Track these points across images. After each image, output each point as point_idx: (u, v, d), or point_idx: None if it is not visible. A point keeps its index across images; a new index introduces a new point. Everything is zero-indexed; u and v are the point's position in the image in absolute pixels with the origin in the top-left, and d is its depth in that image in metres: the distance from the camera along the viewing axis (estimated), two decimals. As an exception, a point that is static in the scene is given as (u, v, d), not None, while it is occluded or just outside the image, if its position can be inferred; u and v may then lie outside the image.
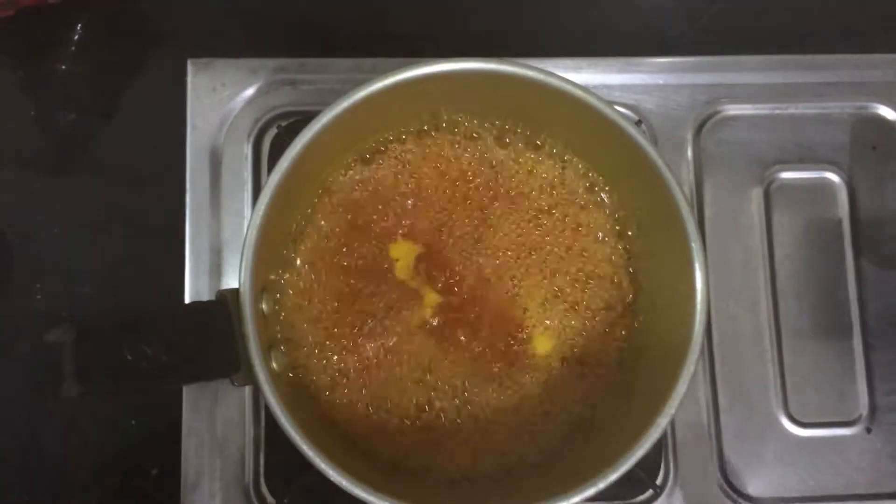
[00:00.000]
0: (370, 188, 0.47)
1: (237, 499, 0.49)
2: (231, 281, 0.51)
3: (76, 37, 0.56)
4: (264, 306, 0.41)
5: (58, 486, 0.51)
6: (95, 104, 0.56)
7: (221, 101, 0.53)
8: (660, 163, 0.40)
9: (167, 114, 0.53)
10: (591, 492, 0.38)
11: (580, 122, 0.43)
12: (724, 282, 0.53)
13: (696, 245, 0.39)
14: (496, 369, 0.45)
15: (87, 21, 0.56)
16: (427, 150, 0.48)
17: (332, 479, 0.37)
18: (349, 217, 0.46)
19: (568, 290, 0.46)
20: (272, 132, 0.53)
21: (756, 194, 0.54)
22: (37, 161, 0.54)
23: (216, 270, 0.51)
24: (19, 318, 0.52)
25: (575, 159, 0.47)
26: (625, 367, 0.45)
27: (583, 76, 0.54)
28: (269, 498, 0.49)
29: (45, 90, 0.56)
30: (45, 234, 0.53)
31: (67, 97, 0.56)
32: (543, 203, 0.47)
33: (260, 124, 0.53)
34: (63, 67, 0.56)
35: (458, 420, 0.45)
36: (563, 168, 0.47)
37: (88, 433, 0.51)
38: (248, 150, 0.52)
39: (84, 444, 0.51)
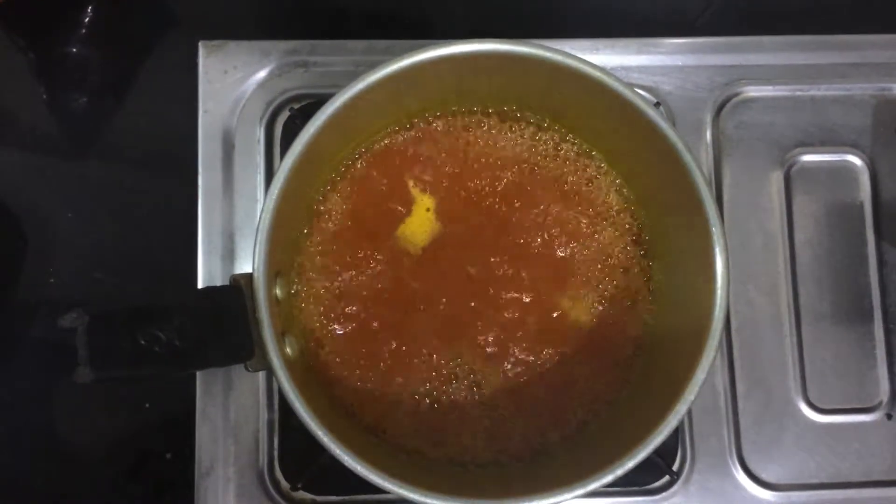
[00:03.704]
0: (382, 170, 0.46)
1: (252, 484, 0.49)
2: (244, 265, 0.50)
3: (87, 19, 0.56)
4: (278, 291, 0.41)
5: (71, 468, 0.51)
6: (107, 87, 0.55)
7: (233, 83, 0.52)
8: (680, 146, 0.40)
9: (179, 96, 0.53)
10: (609, 479, 0.37)
11: (598, 104, 0.42)
12: (743, 266, 0.52)
13: (716, 230, 0.39)
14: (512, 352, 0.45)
15: (97, 3, 0.56)
16: (439, 133, 0.47)
17: (347, 464, 0.37)
18: (361, 199, 0.46)
19: (586, 273, 0.46)
20: (284, 115, 0.52)
21: (776, 177, 0.53)
22: (48, 145, 0.54)
23: (229, 254, 0.51)
24: (33, 302, 0.52)
25: (589, 140, 0.46)
26: (643, 353, 0.45)
27: (600, 57, 0.53)
28: (284, 482, 0.49)
29: (55, 73, 0.55)
30: (58, 217, 0.53)
31: (78, 80, 0.55)
32: (561, 186, 0.47)
33: (272, 107, 0.52)
34: (74, 50, 0.55)
35: (475, 404, 0.45)
36: (580, 151, 0.47)
37: (101, 416, 0.51)
38: (260, 134, 0.52)
39: (97, 426, 0.51)
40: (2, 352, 0.52)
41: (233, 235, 0.51)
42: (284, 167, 0.38)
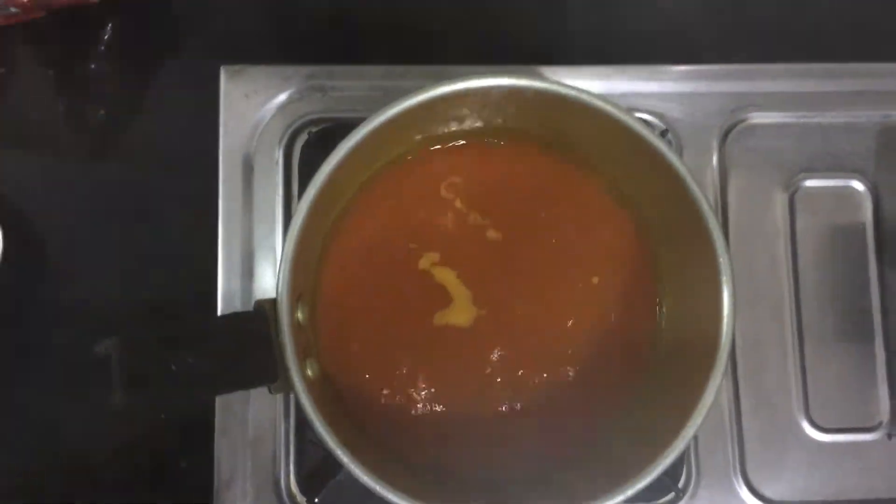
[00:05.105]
0: (400, 196, 0.48)
1: (269, 498, 0.50)
2: (262, 282, 0.52)
3: (106, 36, 0.57)
4: (300, 315, 0.42)
5: (85, 476, 0.52)
6: (124, 103, 0.57)
7: (253, 107, 0.53)
8: (688, 178, 0.41)
9: (196, 115, 0.54)
10: (618, 499, 0.39)
11: (609, 134, 0.43)
12: (748, 287, 0.53)
13: (723, 261, 0.40)
14: (521, 373, 0.46)
15: (116, 22, 0.57)
16: (452, 159, 0.48)
17: (366, 483, 0.38)
18: (380, 224, 0.47)
19: (594, 298, 0.47)
20: (303, 138, 0.53)
21: (781, 201, 0.54)
22: (68, 160, 0.56)
23: (248, 272, 0.52)
24: (52, 312, 0.53)
25: (602, 169, 0.48)
26: (651, 376, 0.46)
27: (611, 83, 0.54)
28: (300, 497, 0.50)
29: (76, 88, 0.57)
30: (78, 230, 0.54)
31: (97, 96, 0.57)
32: (569, 212, 0.48)
33: (291, 130, 0.53)
34: (93, 67, 0.57)
35: (485, 424, 0.46)
36: (591, 177, 0.48)
37: (118, 425, 0.51)
38: (279, 156, 0.53)
39: (113, 436, 0.52)
40: (20, 362, 0.53)
41: (252, 254, 0.52)
42: (307, 198, 0.39)
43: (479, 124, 0.47)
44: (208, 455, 0.50)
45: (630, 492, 0.39)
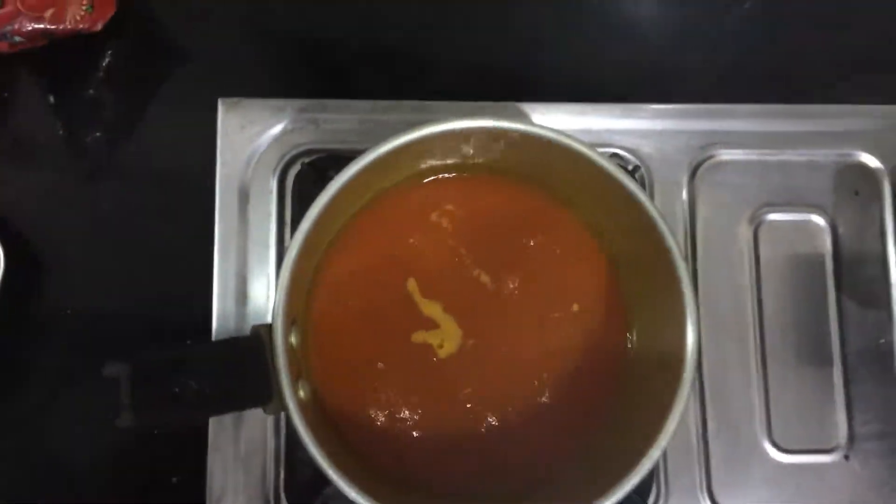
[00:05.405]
0: (388, 226, 0.51)
1: (259, 512, 0.52)
2: (255, 306, 0.54)
3: (104, 63, 0.59)
4: (293, 339, 0.45)
5: (77, 492, 0.54)
6: (122, 127, 0.59)
7: (249, 138, 0.56)
8: (654, 213, 0.44)
9: (192, 142, 0.57)
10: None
11: (583, 172, 0.46)
12: (714, 314, 0.56)
13: (688, 293, 0.43)
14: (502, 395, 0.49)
15: (115, 49, 0.59)
16: (438, 192, 0.51)
17: (356, 501, 0.40)
18: (369, 252, 0.50)
19: (569, 325, 0.50)
20: (296, 167, 0.56)
21: (746, 233, 0.58)
22: (67, 182, 0.58)
23: (242, 297, 0.54)
24: (47, 329, 0.55)
25: (578, 203, 0.51)
26: (621, 399, 0.49)
27: (587, 120, 0.57)
28: (289, 511, 0.53)
29: (74, 113, 0.59)
30: (75, 251, 0.56)
31: (95, 121, 0.59)
32: (548, 244, 0.51)
33: (285, 160, 0.56)
34: (91, 92, 0.59)
35: (465, 442, 0.48)
36: (569, 211, 0.51)
37: (109, 439, 0.54)
38: (273, 185, 0.56)
39: (104, 450, 0.54)
40: (14, 377, 0.55)
41: (245, 278, 0.54)
42: (301, 231, 0.42)
43: (464, 160, 0.50)
44: (200, 471, 0.52)
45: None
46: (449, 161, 0.50)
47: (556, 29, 0.61)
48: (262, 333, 0.41)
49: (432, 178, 0.51)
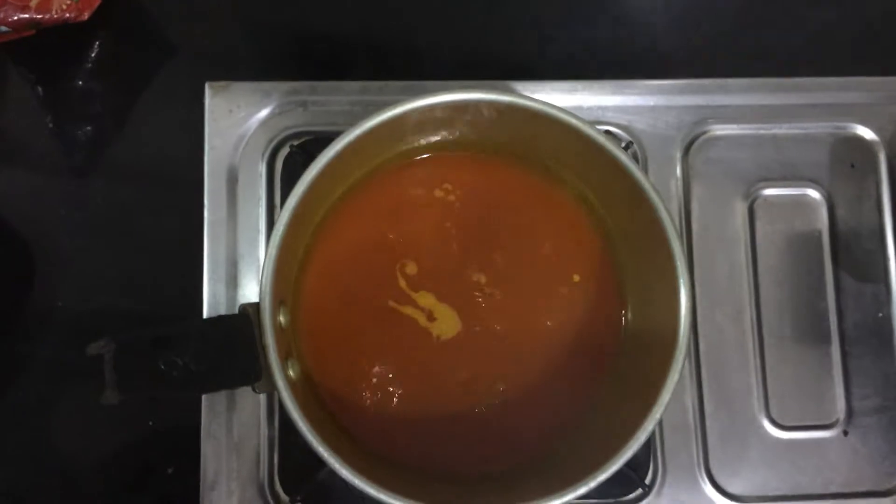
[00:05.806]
0: (378, 205, 0.50)
1: (253, 497, 0.52)
2: (246, 289, 0.54)
3: (93, 54, 0.59)
4: (282, 318, 0.44)
5: (74, 484, 0.54)
6: (112, 118, 0.58)
7: (237, 121, 0.56)
8: (645, 184, 0.43)
9: (182, 129, 0.56)
10: (582, 490, 0.41)
11: (574, 146, 0.46)
12: (710, 292, 0.56)
13: (680, 264, 0.42)
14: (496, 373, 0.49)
15: (103, 40, 0.59)
16: (429, 170, 0.51)
17: (346, 478, 0.40)
18: (358, 232, 0.50)
19: (564, 301, 0.50)
20: (285, 151, 0.56)
21: (741, 209, 0.57)
22: (55, 172, 0.57)
23: (232, 280, 0.54)
24: (39, 323, 0.55)
25: (571, 179, 0.50)
26: (614, 373, 0.48)
27: (578, 97, 0.57)
28: (283, 496, 0.52)
29: (63, 105, 0.58)
30: (64, 242, 0.56)
31: (84, 111, 0.58)
32: (542, 220, 0.51)
33: (273, 144, 0.56)
34: (80, 83, 0.58)
35: (458, 422, 0.48)
36: (562, 187, 0.51)
37: (105, 433, 0.54)
38: (262, 168, 0.55)
39: (100, 442, 0.54)
40: (8, 371, 0.54)
41: (236, 263, 0.54)
42: (288, 207, 0.42)
43: (454, 137, 0.50)
44: (194, 461, 0.52)
45: (595, 482, 0.41)
46: (439, 139, 0.50)
47: (547, 8, 0.61)
48: (250, 311, 0.41)
49: (422, 156, 0.51)
